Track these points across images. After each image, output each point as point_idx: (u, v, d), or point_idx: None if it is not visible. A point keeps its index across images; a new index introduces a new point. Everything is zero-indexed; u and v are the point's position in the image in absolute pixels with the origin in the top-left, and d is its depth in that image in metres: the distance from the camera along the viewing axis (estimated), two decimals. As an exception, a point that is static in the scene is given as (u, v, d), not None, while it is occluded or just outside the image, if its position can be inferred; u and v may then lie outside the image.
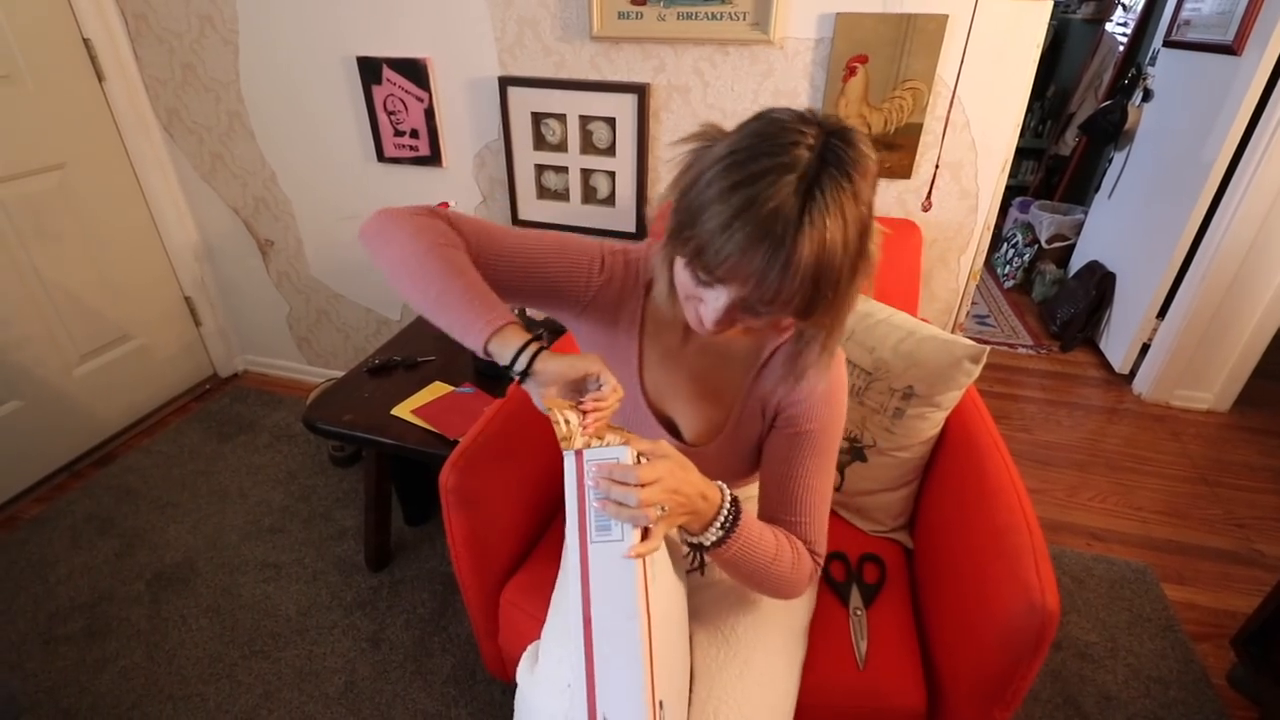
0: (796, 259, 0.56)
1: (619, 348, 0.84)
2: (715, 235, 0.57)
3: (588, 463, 0.65)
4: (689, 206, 0.60)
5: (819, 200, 0.55)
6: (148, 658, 1.41)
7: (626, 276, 0.82)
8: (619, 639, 0.64)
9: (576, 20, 1.54)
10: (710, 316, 0.63)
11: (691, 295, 0.66)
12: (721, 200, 0.57)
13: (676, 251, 0.65)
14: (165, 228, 2.11)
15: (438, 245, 0.70)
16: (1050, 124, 3.97)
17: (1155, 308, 2.40)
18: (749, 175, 0.56)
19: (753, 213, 0.55)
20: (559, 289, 0.80)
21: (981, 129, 1.44)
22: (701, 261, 0.59)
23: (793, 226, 0.55)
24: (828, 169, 0.56)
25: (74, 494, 1.85)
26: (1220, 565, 1.69)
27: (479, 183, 1.83)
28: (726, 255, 0.57)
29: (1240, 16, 2.05)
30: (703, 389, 0.83)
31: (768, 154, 0.56)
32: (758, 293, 0.59)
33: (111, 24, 1.85)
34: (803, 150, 0.56)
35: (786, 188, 0.55)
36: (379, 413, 1.40)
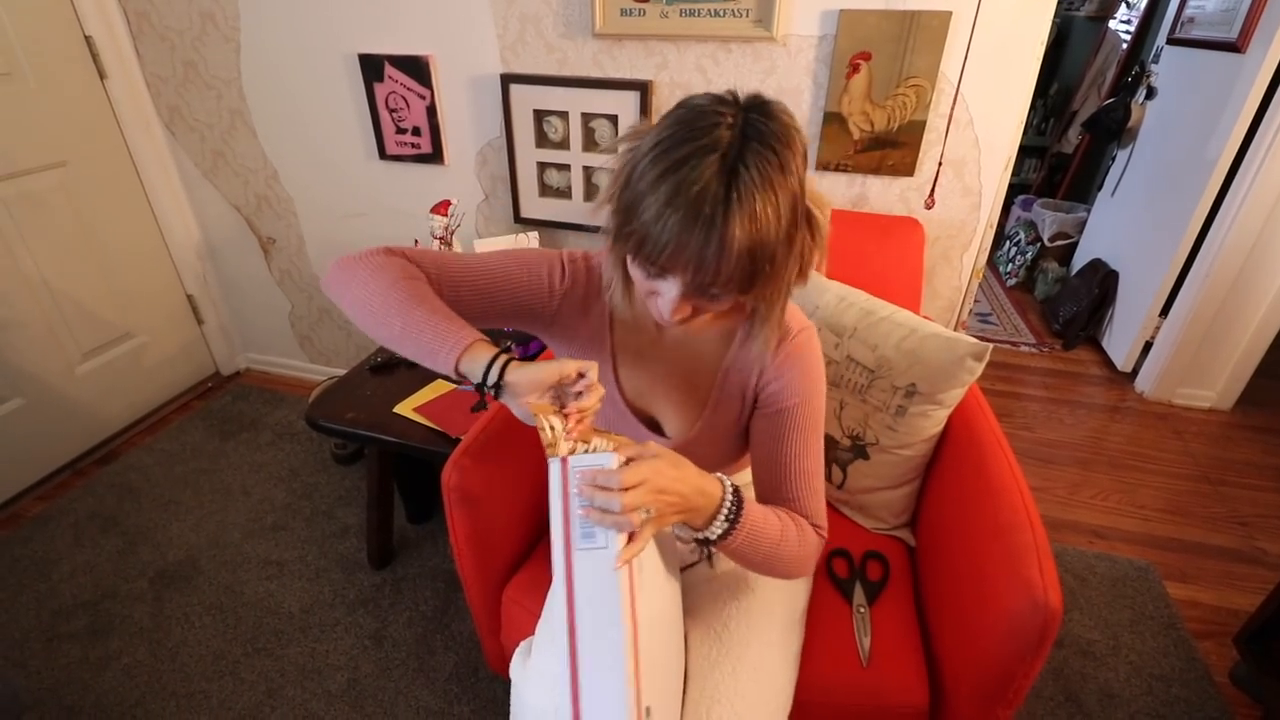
0: (729, 237, 0.57)
1: (591, 352, 0.85)
2: (651, 226, 0.59)
3: (572, 470, 0.65)
4: (626, 203, 0.62)
5: (743, 176, 0.57)
6: (151, 655, 1.41)
7: (590, 281, 0.83)
8: (603, 647, 0.64)
9: (579, 17, 1.54)
10: (667, 307, 0.64)
11: (647, 289, 0.67)
12: (652, 191, 0.59)
13: (624, 250, 0.66)
14: (167, 226, 2.11)
15: (398, 280, 0.72)
16: (1053, 122, 3.96)
17: (1158, 306, 2.40)
18: (674, 162, 0.58)
19: (681, 198, 0.57)
20: (524, 302, 0.81)
21: (984, 126, 1.43)
22: (644, 253, 0.61)
23: (721, 205, 0.57)
24: (750, 144, 0.58)
25: (76, 492, 1.86)
26: (1223, 563, 1.69)
27: (481, 180, 1.83)
28: (665, 244, 0.59)
29: (1244, 14, 2.05)
30: (679, 382, 0.84)
31: (689, 139, 0.58)
32: (699, 276, 0.60)
33: (113, 21, 1.85)
34: (723, 130, 0.58)
35: (710, 168, 0.57)
36: (381, 410, 1.40)
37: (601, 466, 0.64)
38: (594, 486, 0.63)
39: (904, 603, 1.04)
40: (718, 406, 0.84)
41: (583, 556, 0.65)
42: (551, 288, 0.81)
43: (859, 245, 1.45)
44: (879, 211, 1.56)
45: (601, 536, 0.65)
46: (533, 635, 0.90)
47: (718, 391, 0.83)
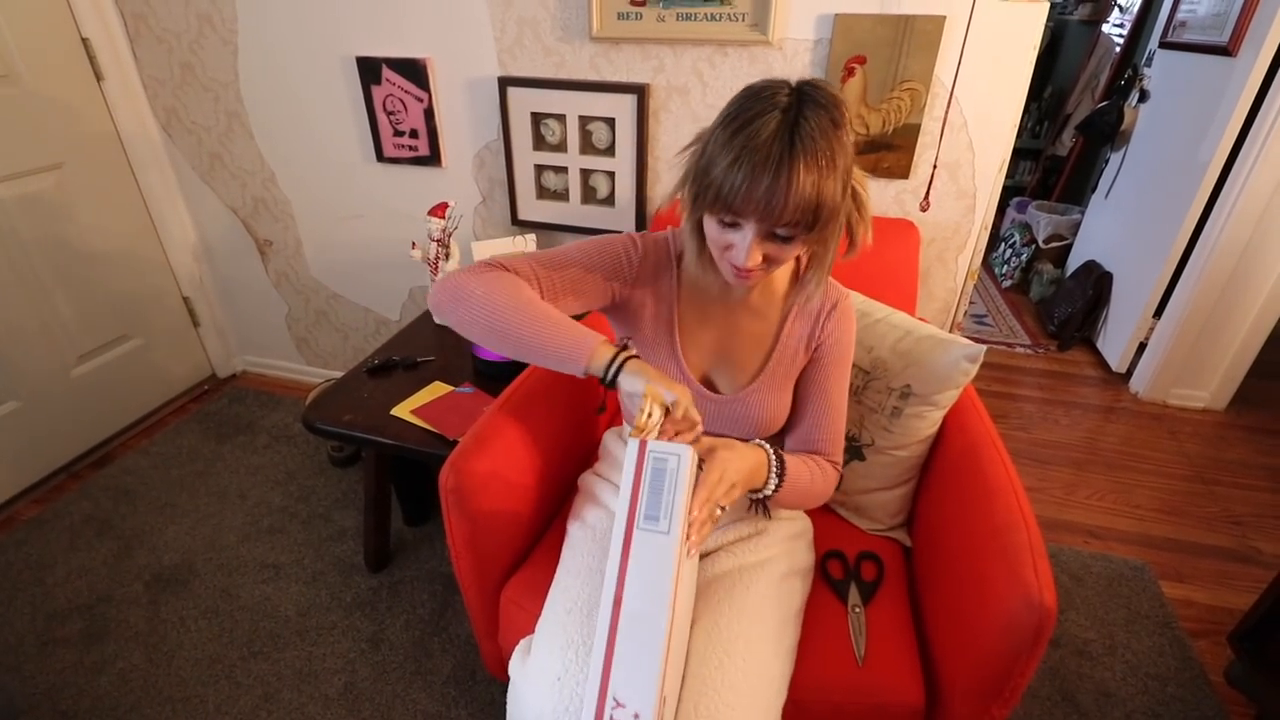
0: (794, 175, 0.69)
1: (660, 316, 0.96)
2: (727, 174, 0.71)
3: (649, 453, 0.71)
4: (703, 169, 0.74)
5: (803, 127, 0.69)
6: (146, 659, 1.41)
7: (659, 250, 0.96)
8: (645, 626, 0.67)
9: (576, 21, 1.54)
10: (743, 255, 0.75)
11: (723, 245, 0.78)
12: (726, 150, 0.71)
13: (702, 210, 0.77)
14: (164, 228, 2.11)
15: (514, 293, 0.83)
16: (1047, 125, 3.99)
17: (1152, 307, 2.41)
18: (743, 123, 0.70)
19: (751, 146, 0.69)
20: (610, 285, 0.93)
21: (979, 129, 1.44)
22: (721, 201, 0.72)
23: (787, 149, 0.69)
24: (805, 103, 0.71)
25: (72, 495, 1.85)
26: (1217, 563, 1.70)
27: (478, 183, 1.84)
28: (739, 187, 0.70)
29: (1235, 18, 2.06)
30: (738, 343, 0.95)
31: (753, 106, 0.71)
32: (769, 215, 0.71)
33: (110, 24, 1.85)
34: (782, 96, 0.71)
35: (774, 121, 0.69)
36: (378, 413, 1.40)
37: (679, 457, 0.71)
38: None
39: (899, 603, 1.04)
40: (780, 360, 0.95)
41: (644, 536, 0.69)
42: (631, 258, 0.93)
43: (855, 247, 1.45)
44: (875, 214, 1.55)
45: (664, 522, 0.69)
46: (532, 634, 0.90)
47: (780, 347, 0.94)
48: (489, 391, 1.45)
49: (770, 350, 0.95)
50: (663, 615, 0.67)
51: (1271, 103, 1.92)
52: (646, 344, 0.97)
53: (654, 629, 0.66)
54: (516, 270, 0.87)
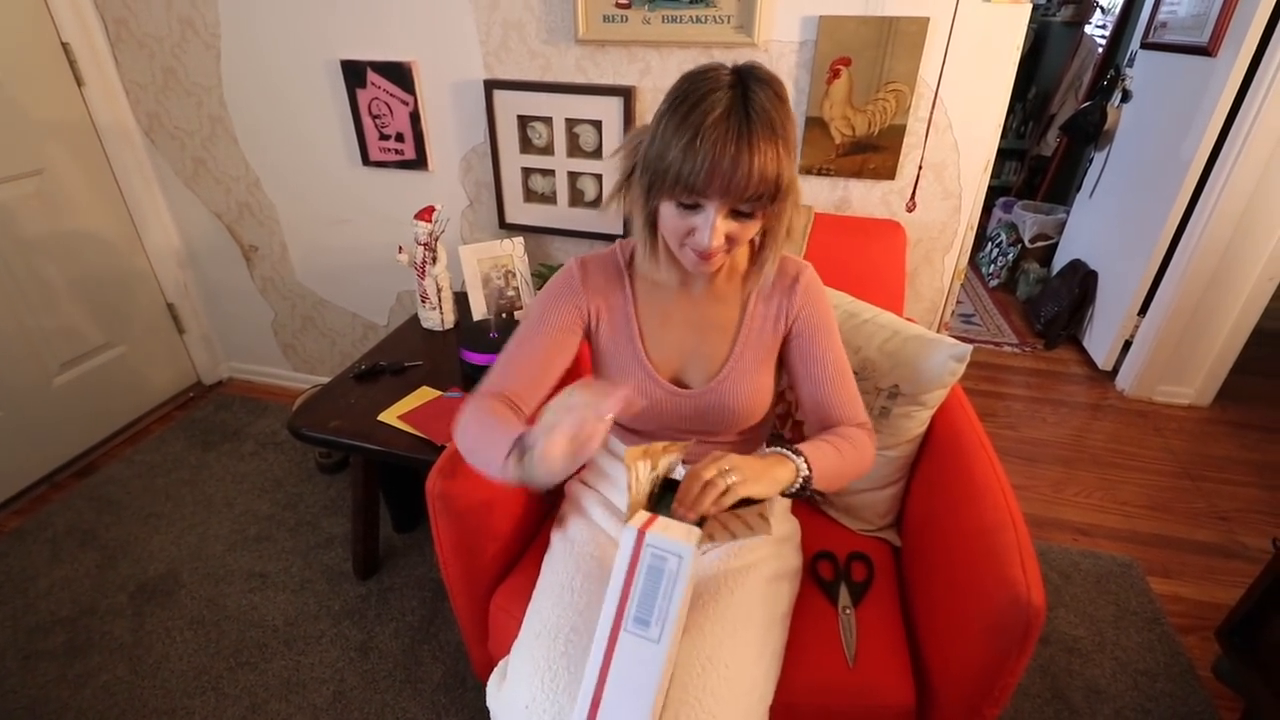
0: (755, 146, 0.70)
1: (618, 325, 0.95)
2: (688, 154, 0.71)
3: (647, 548, 0.64)
4: (654, 158, 0.75)
5: (754, 100, 0.71)
6: (131, 672, 1.39)
7: (605, 264, 0.96)
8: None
9: (561, 23, 1.54)
10: (707, 236, 0.75)
11: (684, 231, 0.78)
12: (680, 132, 0.71)
13: (659, 198, 0.77)
14: (147, 234, 2.09)
15: (471, 416, 0.83)
16: (1032, 125, 4.02)
17: (1136, 305, 2.43)
18: (693, 104, 0.71)
19: (709, 122, 0.70)
20: (566, 319, 0.93)
21: (964, 130, 1.45)
22: (683, 183, 0.72)
23: (744, 120, 0.70)
24: (749, 80, 0.73)
25: (54, 506, 1.82)
26: (1204, 558, 1.71)
27: (465, 186, 1.83)
28: (703, 163, 0.70)
29: (1215, 18, 2.09)
30: (704, 335, 0.94)
31: (698, 88, 0.72)
32: (734, 190, 0.72)
33: (91, 28, 1.83)
34: (724, 75, 0.73)
35: (725, 98, 0.71)
36: (366, 419, 1.38)
37: (679, 556, 0.63)
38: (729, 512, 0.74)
39: (889, 603, 1.04)
40: (747, 344, 0.94)
41: (632, 640, 0.64)
42: (574, 289, 0.94)
43: (842, 248, 1.46)
44: (861, 214, 1.57)
45: (656, 628, 0.63)
46: (507, 657, 0.88)
47: (745, 331, 0.94)
48: (477, 396, 1.44)
49: (735, 336, 0.94)
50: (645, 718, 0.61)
51: (1251, 102, 1.94)
52: (610, 355, 0.95)
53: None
54: (491, 385, 0.89)
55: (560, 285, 0.94)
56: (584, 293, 0.94)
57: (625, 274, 0.95)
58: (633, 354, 0.94)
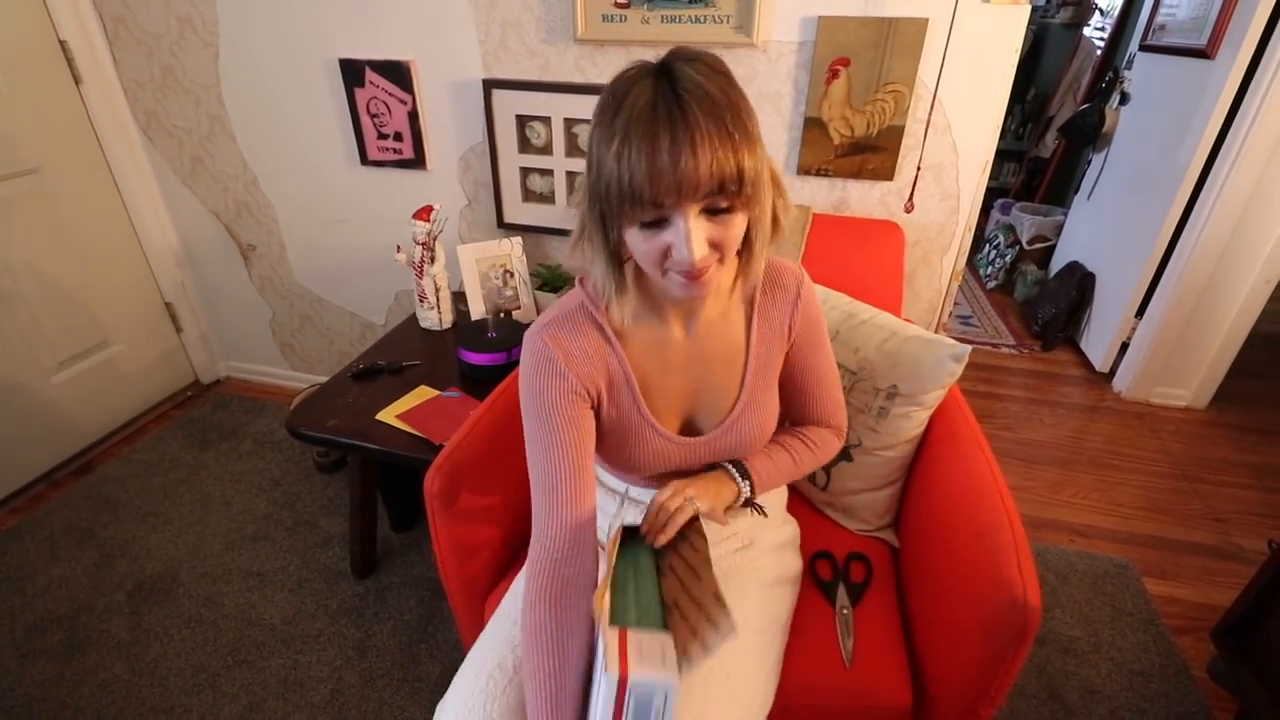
0: (691, 120, 0.59)
1: (617, 389, 0.82)
2: (621, 161, 0.61)
3: (632, 690, 0.59)
4: (595, 182, 0.65)
5: (681, 80, 0.61)
6: (129, 670, 1.39)
7: (574, 324, 0.80)
8: None
9: (560, 23, 1.54)
10: (687, 246, 0.64)
11: (659, 254, 0.66)
12: (609, 140, 0.62)
13: (618, 225, 0.66)
14: (144, 233, 2.08)
15: (530, 654, 0.73)
16: (1030, 126, 4.02)
17: (1134, 307, 2.44)
18: (615, 108, 0.62)
19: (636, 119, 0.60)
20: (574, 418, 0.79)
21: (962, 131, 1.45)
22: (632, 194, 0.61)
23: (673, 101, 0.60)
24: (673, 61, 0.63)
25: (52, 504, 1.82)
26: (1200, 559, 1.71)
27: (464, 186, 1.83)
28: (640, 163, 0.60)
29: (1213, 21, 2.09)
30: (708, 371, 0.85)
31: (619, 88, 0.63)
32: (691, 184, 0.60)
33: (89, 26, 1.82)
34: (646, 66, 0.64)
35: (646, 86, 0.61)
36: (363, 418, 1.38)
37: (664, 690, 0.59)
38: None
39: (887, 604, 1.05)
40: (757, 371, 0.86)
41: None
42: (565, 380, 0.78)
43: (840, 249, 1.46)
44: (859, 215, 1.57)
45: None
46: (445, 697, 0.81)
47: (753, 358, 0.86)
48: (475, 395, 1.44)
49: (745, 365, 0.86)
50: None
51: (1249, 104, 1.95)
52: (614, 423, 0.83)
53: None
54: (546, 539, 0.77)
55: (543, 380, 0.78)
56: (574, 377, 0.78)
57: (603, 326, 0.80)
58: (637, 415, 0.83)
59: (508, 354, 1.49)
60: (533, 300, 1.77)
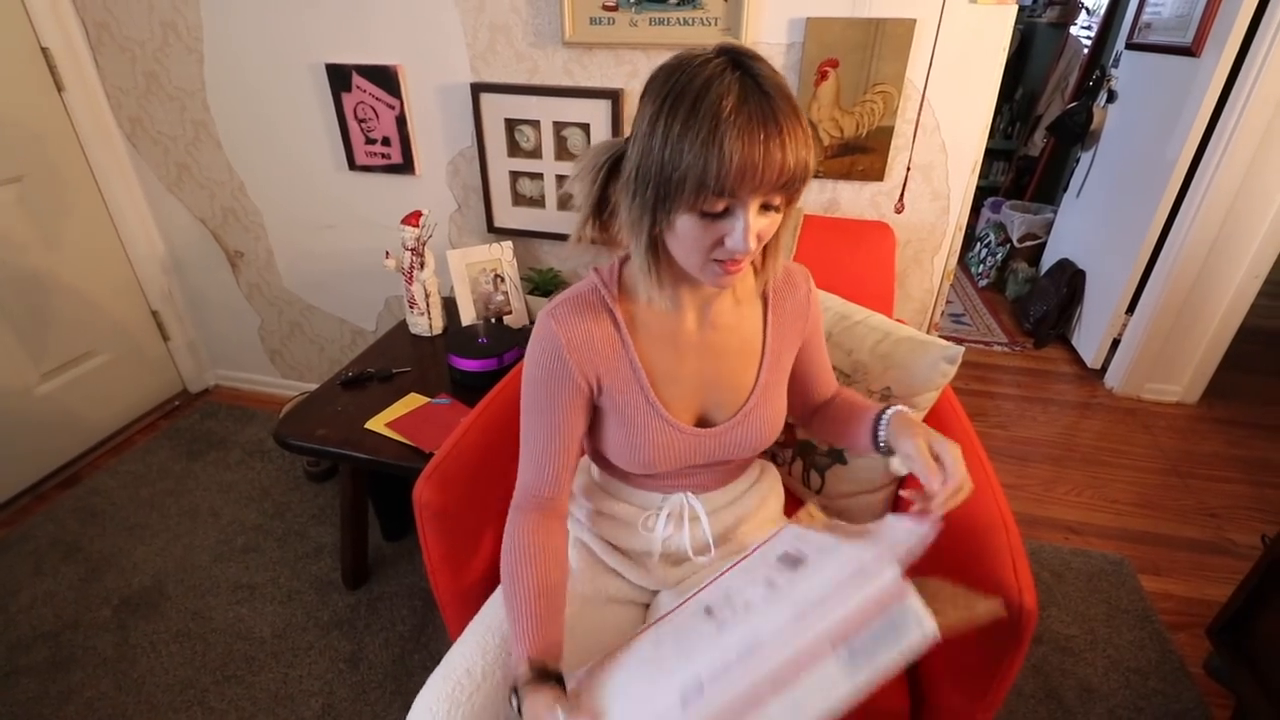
0: (782, 119, 0.61)
1: (622, 377, 0.81)
2: (710, 153, 0.61)
3: (909, 601, 0.58)
4: (660, 168, 0.64)
5: (763, 79, 0.62)
6: (115, 687, 1.36)
7: (585, 308, 0.79)
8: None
9: (548, 26, 1.53)
10: (744, 238, 0.66)
11: (711, 242, 0.67)
12: (692, 133, 0.61)
13: (671, 213, 0.66)
14: (130, 240, 2.06)
15: (508, 565, 0.79)
16: (1019, 125, 4.04)
17: (1124, 303, 2.45)
18: (694, 98, 0.61)
19: (728, 112, 0.60)
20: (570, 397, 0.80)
21: (951, 131, 1.45)
22: (712, 186, 0.62)
23: (765, 100, 0.61)
24: (740, 55, 0.64)
25: (37, 518, 1.79)
26: (1194, 555, 1.72)
27: (453, 190, 1.81)
28: (731, 158, 0.61)
29: (1198, 19, 2.11)
30: (723, 362, 0.84)
31: (692, 79, 0.62)
32: (771, 179, 0.62)
33: (71, 33, 1.80)
34: (712, 59, 0.63)
35: (731, 81, 0.61)
36: (353, 427, 1.37)
37: (921, 632, 0.57)
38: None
39: (884, 606, 1.04)
40: (771, 363, 0.86)
41: (836, 666, 0.57)
42: (562, 360, 0.78)
43: (832, 250, 1.45)
44: (850, 216, 1.57)
45: (864, 670, 0.57)
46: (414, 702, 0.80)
47: (770, 350, 0.86)
48: (466, 402, 1.43)
49: (761, 357, 0.86)
50: None
51: (1235, 101, 1.96)
52: (619, 411, 0.82)
53: None
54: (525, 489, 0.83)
55: (545, 363, 0.79)
56: (574, 365, 0.78)
57: (614, 313, 0.80)
58: (645, 404, 0.81)
59: (499, 360, 1.48)
60: (524, 305, 1.75)
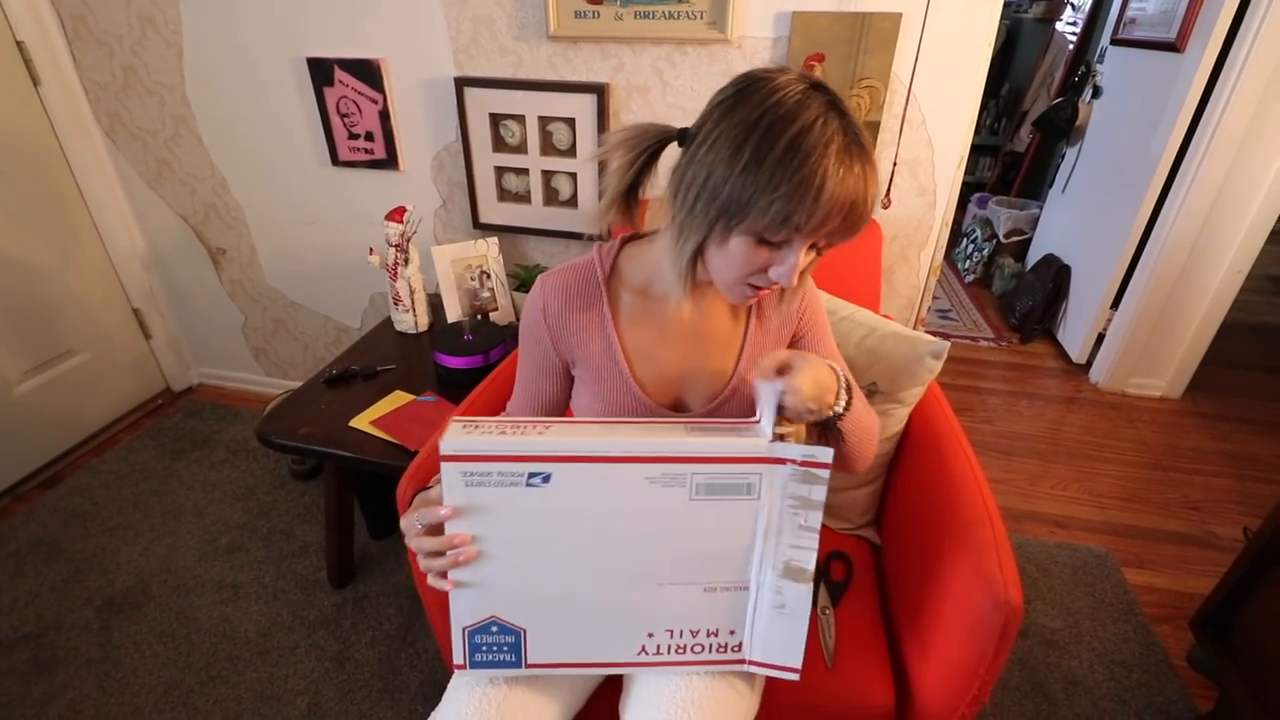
0: (868, 172, 0.63)
1: (600, 353, 0.84)
2: (802, 196, 0.61)
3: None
4: (737, 191, 0.63)
5: (849, 120, 0.63)
6: (98, 688, 1.35)
7: (579, 284, 0.83)
8: None
9: (533, 19, 1.52)
10: (787, 272, 0.67)
11: (756, 267, 0.68)
12: (786, 171, 0.61)
13: (733, 232, 0.66)
14: (110, 237, 2.03)
15: None
16: (1005, 121, 4.06)
17: (1109, 299, 2.47)
18: (794, 136, 0.61)
19: (831, 163, 0.61)
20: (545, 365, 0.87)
21: (937, 126, 1.45)
22: (791, 224, 0.63)
23: (858, 150, 0.63)
24: (829, 93, 0.65)
25: (17, 519, 1.77)
26: (1177, 548, 1.74)
27: (438, 186, 1.80)
28: (825, 205, 0.61)
29: (1182, 15, 2.12)
30: (702, 350, 0.85)
31: (788, 112, 0.62)
32: (850, 224, 0.64)
33: (47, 26, 1.77)
34: (810, 95, 0.63)
35: (832, 126, 0.62)
36: (336, 424, 1.35)
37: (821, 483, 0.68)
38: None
39: (868, 602, 1.04)
40: (751, 356, 0.85)
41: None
42: (541, 330, 0.84)
43: (818, 245, 1.45)
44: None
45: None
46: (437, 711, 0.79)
47: (750, 343, 0.85)
48: (451, 399, 1.42)
49: (741, 349, 0.86)
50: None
51: (1218, 97, 1.97)
52: (594, 384, 0.85)
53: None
54: (512, 410, 0.93)
55: (528, 330, 0.86)
56: (549, 337, 0.84)
57: (603, 291, 0.83)
58: (619, 380, 0.83)
59: (484, 357, 1.47)
60: (510, 301, 1.74)
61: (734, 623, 0.73)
